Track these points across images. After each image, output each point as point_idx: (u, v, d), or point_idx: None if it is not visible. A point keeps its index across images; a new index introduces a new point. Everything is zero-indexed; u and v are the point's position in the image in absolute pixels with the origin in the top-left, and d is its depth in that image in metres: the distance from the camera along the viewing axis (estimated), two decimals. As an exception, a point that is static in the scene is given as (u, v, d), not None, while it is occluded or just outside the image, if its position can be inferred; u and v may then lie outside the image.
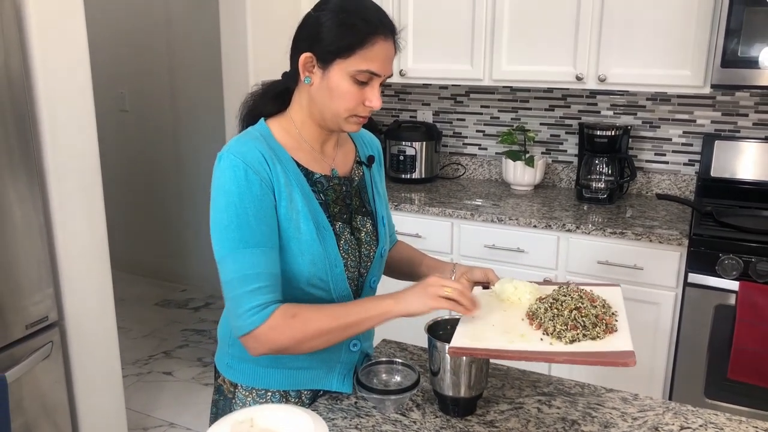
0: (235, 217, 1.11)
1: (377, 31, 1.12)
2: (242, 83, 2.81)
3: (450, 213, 2.64)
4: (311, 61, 1.14)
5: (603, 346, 1.05)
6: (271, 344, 1.11)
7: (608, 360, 1.03)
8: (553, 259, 2.50)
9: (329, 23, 1.12)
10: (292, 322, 1.11)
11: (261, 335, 1.10)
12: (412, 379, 1.21)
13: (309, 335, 1.11)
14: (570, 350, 1.05)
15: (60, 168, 2.00)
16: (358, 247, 1.26)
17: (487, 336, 1.09)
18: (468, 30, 2.76)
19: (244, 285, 1.10)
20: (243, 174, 1.11)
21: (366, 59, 1.11)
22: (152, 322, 3.84)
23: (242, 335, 1.12)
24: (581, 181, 2.79)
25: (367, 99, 1.15)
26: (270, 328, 1.10)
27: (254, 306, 1.10)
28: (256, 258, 1.11)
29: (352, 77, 1.12)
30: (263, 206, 1.12)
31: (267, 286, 1.11)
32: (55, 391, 2.04)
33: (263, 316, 1.10)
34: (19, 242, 1.87)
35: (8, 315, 1.86)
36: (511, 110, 3.11)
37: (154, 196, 4.38)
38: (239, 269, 1.10)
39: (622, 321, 1.13)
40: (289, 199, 1.15)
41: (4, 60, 1.79)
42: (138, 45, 4.13)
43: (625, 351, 1.03)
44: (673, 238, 2.28)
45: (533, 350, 1.06)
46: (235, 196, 1.11)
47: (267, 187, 1.13)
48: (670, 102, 2.79)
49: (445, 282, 1.12)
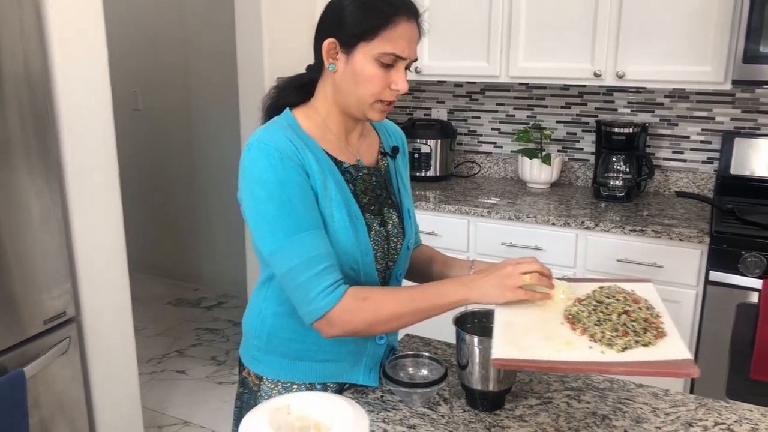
0: (281, 205, 1.09)
1: (399, 12, 1.11)
2: (257, 81, 2.80)
3: (466, 211, 2.62)
4: (334, 47, 1.13)
5: (658, 353, 0.98)
6: (344, 326, 1.09)
7: (669, 370, 0.95)
8: (572, 257, 2.48)
9: (351, 7, 1.12)
10: (365, 305, 1.09)
11: (335, 317, 1.09)
12: (439, 372, 1.19)
13: (381, 319, 1.10)
14: (626, 360, 0.97)
15: (78, 164, 2.00)
16: (386, 239, 1.24)
17: (529, 344, 1.01)
18: (484, 26, 2.74)
19: (310, 268, 1.08)
20: (278, 161, 1.10)
21: (390, 41, 1.10)
22: (165, 321, 3.83)
23: (316, 319, 1.10)
24: (598, 179, 2.77)
25: (393, 82, 1.14)
26: (343, 310, 1.08)
27: (326, 286, 1.08)
28: (315, 240, 1.10)
29: (377, 60, 1.11)
30: (305, 190, 1.11)
31: (331, 265, 1.10)
32: (72, 387, 2.04)
33: (335, 297, 1.08)
34: (37, 237, 1.87)
35: (26, 310, 1.85)
36: (527, 108, 3.09)
37: (166, 196, 4.38)
38: (301, 254, 1.08)
39: (668, 323, 1.07)
40: (324, 187, 1.14)
41: (24, 59, 1.79)
42: (151, 44, 4.14)
43: (685, 360, 0.96)
44: (694, 236, 2.26)
45: (587, 361, 0.98)
46: (276, 185, 1.09)
47: (303, 172, 1.12)
48: (688, 99, 2.76)
49: (522, 267, 1.09)
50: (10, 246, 1.79)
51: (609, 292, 1.11)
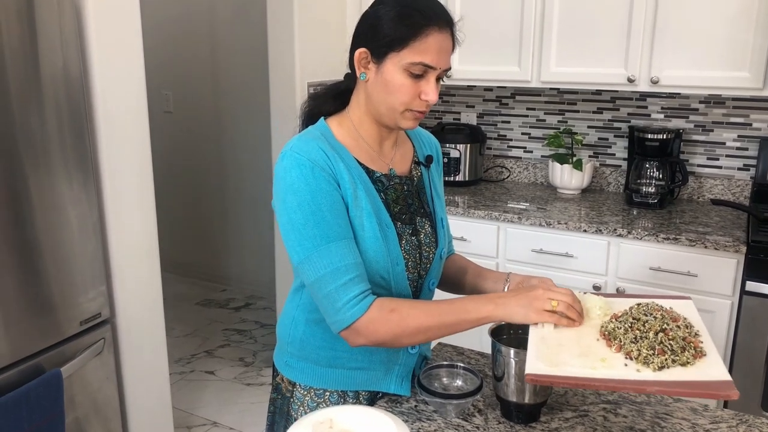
0: (311, 214, 1.10)
1: (431, 23, 1.10)
2: (288, 85, 2.82)
3: (496, 216, 2.60)
4: (366, 56, 1.14)
5: (696, 374, 0.96)
6: (370, 336, 1.11)
7: (708, 392, 0.94)
8: (603, 265, 2.45)
9: (384, 17, 1.12)
10: (391, 317, 1.10)
11: (362, 328, 1.10)
12: (474, 383, 1.18)
13: (408, 331, 1.11)
14: (663, 379, 0.95)
15: (114, 167, 2.03)
16: (418, 248, 1.24)
17: (564, 359, 1.00)
18: (516, 31, 2.72)
19: (337, 278, 1.10)
20: (310, 171, 1.11)
21: (419, 51, 1.10)
22: (194, 322, 3.88)
23: (342, 329, 1.11)
24: (631, 185, 2.73)
25: (423, 92, 1.13)
26: (369, 320, 1.10)
27: (352, 297, 1.10)
28: (343, 250, 1.11)
29: (406, 70, 1.11)
30: (335, 200, 1.12)
31: (359, 275, 1.11)
32: (106, 387, 2.07)
33: (363, 308, 1.10)
34: (74, 240, 1.90)
35: (64, 311, 1.89)
36: (558, 113, 3.06)
37: (196, 197, 4.43)
38: (329, 264, 1.10)
39: (707, 342, 1.04)
40: (354, 196, 1.14)
41: (64, 63, 1.82)
42: (182, 47, 4.19)
43: (724, 381, 0.94)
44: (729, 245, 2.22)
45: (622, 379, 0.96)
46: (306, 194, 1.10)
47: (334, 182, 1.13)
48: (724, 105, 2.71)
49: (552, 294, 1.09)
50: (50, 250, 1.83)
51: (646, 310, 1.10)
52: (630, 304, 1.14)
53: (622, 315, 1.10)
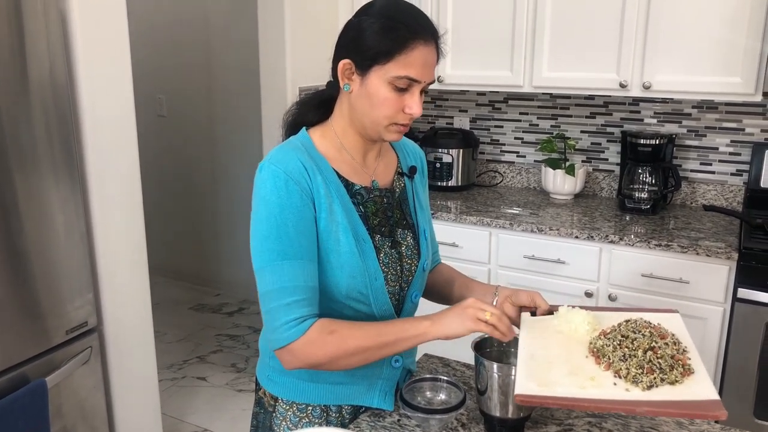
0: (275, 228, 1.09)
1: (417, 36, 1.09)
2: (280, 91, 2.80)
3: (488, 222, 2.59)
4: (350, 67, 1.12)
5: (685, 393, 0.96)
6: (306, 359, 1.10)
7: (697, 412, 0.94)
8: (595, 272, 2.44)
9: (368, 29, 1.10)
10: (330, 339, 1.09)
11: (297, 350, 1.09)
12: (457, 397, 1.17)
13: (345, 352, 1.10)
14: (652, 399, 0.95)
15: (101, 173, 2.02)
16: (399, 261, 1.22)
17: (554, 379, 1.00)
18: (508, 36, 2.71)
19: (282, 298, 1.08)
20: (284, 184, 1.09)
21: (404, 65, 1.08)
22: (187, 327, 3.86)
23: (278, 348, 1.11)
24: (623, 190, 2.72)
25: (407, 106, 1.12)
26: (306, 343, 1.09)
27: (291, 320, 1.08)
28: (295, 270, 1.09)
29: (391, 84, 1.09)
30: (303, 218, 1.10)
31: (304, 299, 1.09)
32: (94, 396, 2.05)
33: (300, 330, 1.08)
34: (61, 248, 1.89)
35: (50, 320, 1.87)
36: (551, 117, 3.05)
37: (189, 201, 4.41)
38: (277, 281, 1.09)
39: (695, 358, 1.04)
40: (329, 210, 1.13)
41: (50, 68, 1.81)
42: (175, 51, 4.18)
43: (713, 401, 0.94)
44: (721, 251, 2.20)
45: (611, 399, 0.96)
46: (276, 207, 1.09)
47: (307, 197, 1.11)
48: (717, 110, 2.70)
49: (484, 305, 1.10)
50: (36, 257, 1.82)
51: (635, 327, 1.09)
52: (618, 320, 1.13)
53: (610, 332, 1.09)
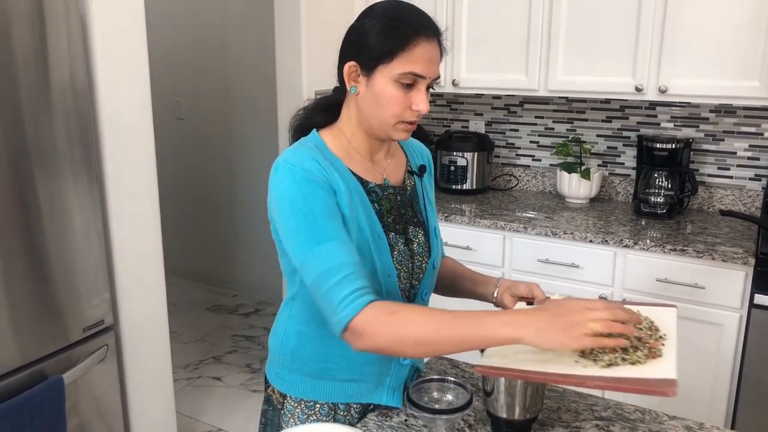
0: (303, 218, 1.09)
1: (419, 33, 1.10)
2: (296, 94, 2.83)
3: (502, 225, 2.59)
4: (355, 69, 1.14)
5: (642, 371, 0.96)
6: (370, 338, 1.02)
7: (644, 387, 0.91)
8: (609, 276, 2.42)
9: (371, 30, 1.12)
10: (392, 319, 1.02)
11: (359, 328, 1.02)
12: (464, 398, 1.17)
13: (410, 337, 1.01)
14: (603, 374, 0.95)
15: (119, 174, 2.05)
16: (411, 258, 1.24)
17: (518, 356, 1.02)
18: (523, 39, 2.71)
19: (329, 278, 1.05)
20: (303, 177, 1.10)
21: (408, 61, 1.10)
22: (203, 327, 3.90)
23: (341, 331, 1.04)
24: (639, 195, 2.70)
25: (414, 103, 1.13)
26: (368, 322, 1.01)
27: (346, 295, 1.03)
28: (334, 250, 1.07)
29: (396, 81, 1.11)
30: (327, 204, 1.11)
31: (353, 272, 1.06)
32: (109, 394, 2.09)
33: (358, 306, 1.02)
34: (79, 247, 1.92)
35: (67, 318, 1.91)
36: (567, 121, 3.04)
37: (207, 203, 4.46)
38: (320, 266, 1.06)
39: (669, 346, 1.04)
40: (350, 206, 1.14)
41: (70, 73, 1.85)
42: (195, 55, 4.23)
43: (666, 379, 0.93)
44: (738, 257, 2.18)
45: (563, 373, 0.96)
46: (299, 199, 1.10)
47: (330, 189, 1.12)
48: (735, 114, 2.68)
49: (592, 314, 0.96)
50: (56, 256, 1.85)
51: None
52: None
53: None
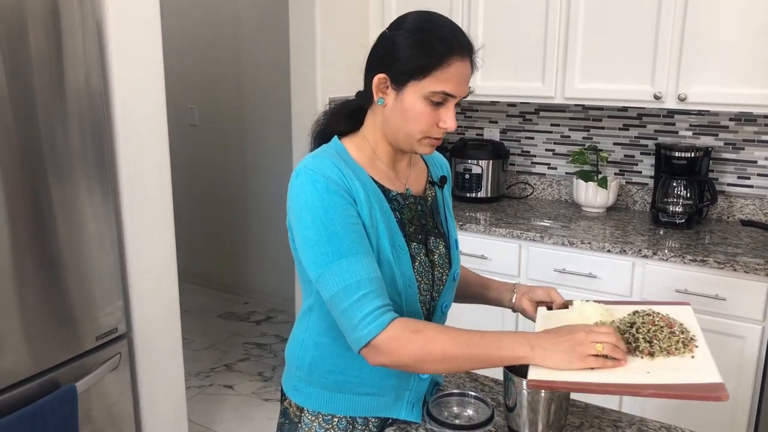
0: (323, 230, 1.07)
1: (453, 52, 1.08)
2: (310, 100, 2.82)
3: (518, 234, 2.56)
4: (385, 82, 1.12)
5: (688, 377, 0.99)
6: (391, 356, 1.04)
7: (697, 394, 0.95)
8: (628, 287, 2.38)
9: (404, 44, 1.09)
10: (415, 338, 1.03)
11: (382, 345, 1.03)
12: (485, 413, 1.14)
13: (432, 356, 1.04)
14: (657, 383, 0.98)
15: (133, 181, 2.04)
16: (431, 270, 1.21)
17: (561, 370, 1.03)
18: (540, 47, 2.69)
19: (349, 296, 1.05)
20: (324, 186, 1.09)
21: (441, 80, 1.08)
22: (214, 334, 3.88)
23: (362, 347, 1.05)
24: (657, 204, 2.66)
25: (442, 120, 1.12)
26: (391, 338, 1.03)
27: (367, 313, 1.04)
28: (353, 266, 1.06)
29: (427, 99, 1.09)
30: (349, 215, 1.09)
31: (373, 290, 1.06)
32: (122, 402, 2.07)
33: (381, 325, 1.03)
34: (93, 255, 1.91)
35: (81, 326, 1.89)
36: (583, 129, 3.01)
37: (220, 210, 4.45)
38: (340, 281, 1.05)
39: (701, 346, 1.07)
40: (370, 215, 1.12)
41: (86, 79, 1.84)
42: (208, 62, 4.24)
43: (715, 383, 0.96)
44: (760, 268, 2.14)
45: (619, 383, 0.98)
46: (320, 210, 1.08)
47: (350, 198, 1.10)
48: (755, 122, 2.63)
49: (596, 337, 1.03)
50: (69, 264, 1.84)
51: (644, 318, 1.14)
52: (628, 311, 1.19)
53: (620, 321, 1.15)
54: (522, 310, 1.33)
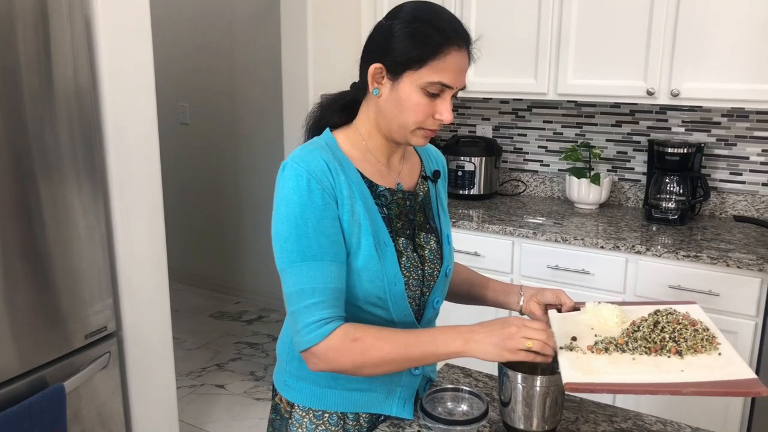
0: (295, 228, 1.07)
1: (451, 42, 1.06)
2: (302, 97, 2.80)
3: (511, 231, 2.55)
4: (381, 72, 1.10)
5: (723, 373, 0.99)
6: (330, 363, 1.08)
7: (738, 390, 0.97)
8: (621, 283, 2.38)
9: (400, 33, 1.08)
10: (353, 346, 1.06)
11: (320, 353, 1.07)
12: (479, 408, 1.13)
13: (370, 362, 1.07)
14: (697, 380, 0.98)
15: (123, 179, 2.02)
16: (421, 265, 1.20)
17: (596, 367, 1.02)
18: (533, 42, 2.68)
19: (302, 300, 1.07)
20: (305, 183, 1.07)
21: (438, 71, 1.06)
22: (206, 334, 3.86)
23: (302, 351, 1.09)
24: (650, 200, 2.66)
25: (438, 112, 1.10)
26: (329, 348, 1.06)
27: (312, 322, 1.06)
28: (314, 272, 1.07)
29: (423, 89, 1.07)
30: (324, 217, 1.08)
31: (324, 301, 1.07)
32: (111, 402, 2.05)
33: (321, 334, 1.06)
34: (82, 253, 1.89)
35: (70, 324, 1.87)
36: (576, 126, 3.00)
37: (211, 209, 4.43)
38: (297, 283, 1.07)
39: (724, 342, 1.08)
40: (351, 211, 1.11)
41: (74, 74, 1.82)
42: (200, 60, 4.21)
43: (751, 379, 0.97)
44: (753, 263, 2.14)
45: (658, 382, 0.98)
46: (296, 207, 1.07)
47: (330, 197, 1.09)
48: (747, 119, 2.64)
49: (527, 332, 1.03)
50: (58, 262, 1.82)
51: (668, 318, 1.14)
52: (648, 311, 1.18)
53: (641, 321, 1.14)
54: (530, 313, 1.30)
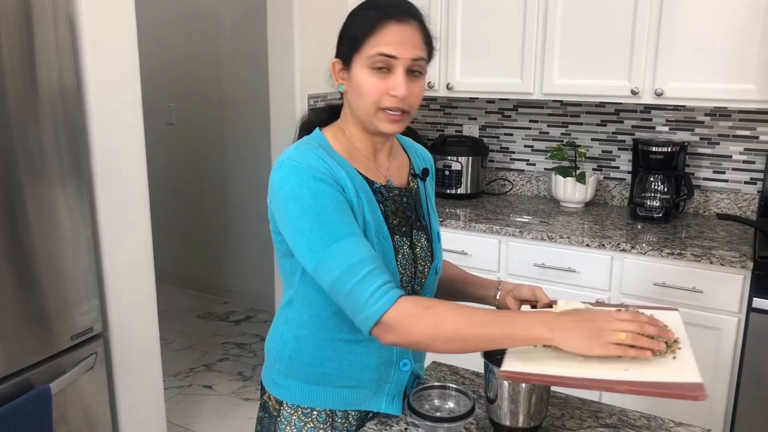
0: (315, 216, 1.05)
1: (387, 17, 1.10)
2: (289, 98, 2.80)
3: (497, 230, 2.56)
4: (339, 66, 1.15)
5: (668, 375, 0.96)
6: (405, 333, 1.01)
7: (675, 392, 0.92)
8: (606, 280, 2.40)
9: (346, 24, 1.15)
10: (427, 313, 1.00)
11: (393, 321, 1.00)
12: (466, 405, 1.14)
13: (444, 334, 1.00)
14: (633, 379, 0.95)
15: (108, 180, 2.01)
16: (413, 263, 1.21)
17: (539, 358, 1.01)
18: (518, 42, 2.69)
19: (353, 275, 1.02)
20: (310, 175, 1.08)
21: (377, 44, 1.09)
22: (194, 335, 3.84)
23: (372, 326, 1.02)
24: (635, 199, 2.69)
25: (391, 88, 1.10)
26: (401, 315, 1.00)
27: (374, 290, 1.01)
28: (353, 246, 1.04)
29: (370, 67, 1.10)
30: (338, 200, 1.08)
31: (377, 267, 1.04)
32: (98, 403, 2.04)
33: (390, 300, 1.01)
34: (67, 254, 1.88)
35: (55, 325, 1.86)
36: (561, 125, 3.03)
37: (198, 209, 4.41)
38: (341, 263, 1.03)
39: (685, 347, 1.04)
40: (358, 205, 1.12)
41: (58, 75, 1.81)
42: (185, 59, 4.19)
43: (694, 383, 0.94)
44: (736, 260, 2.16)
45: (593, 378, 0.95)
46: (308, 198, 1.06)
47: (337, 185, 1.10)
48: (730, 118, 2.67)
49: (619, 324, 0.97)
50: (43, 262, 1.80)
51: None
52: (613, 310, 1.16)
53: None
54: (505, 307, 1.30)
